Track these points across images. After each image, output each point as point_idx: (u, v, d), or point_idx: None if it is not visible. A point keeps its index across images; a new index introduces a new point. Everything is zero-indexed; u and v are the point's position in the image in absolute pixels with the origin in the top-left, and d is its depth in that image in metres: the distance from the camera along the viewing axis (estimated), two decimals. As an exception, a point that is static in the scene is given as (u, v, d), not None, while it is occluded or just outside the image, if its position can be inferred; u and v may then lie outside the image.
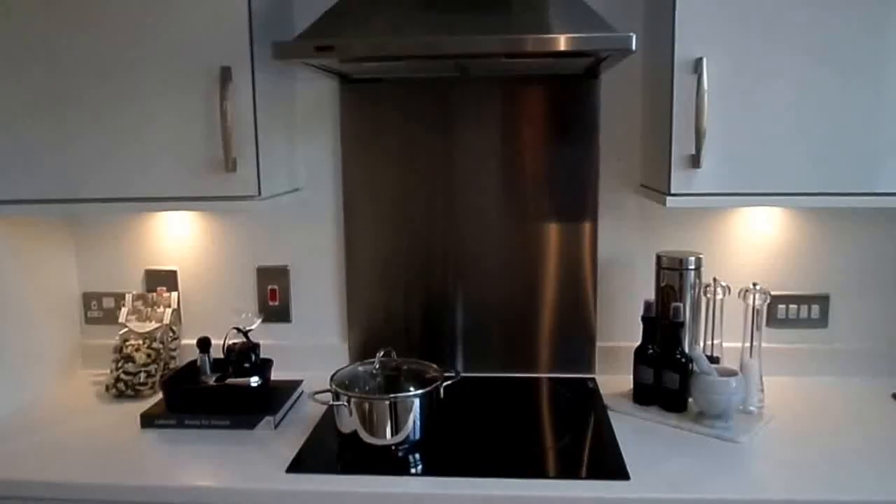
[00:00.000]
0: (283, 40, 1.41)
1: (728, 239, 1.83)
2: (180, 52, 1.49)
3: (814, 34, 1.41)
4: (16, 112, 1.54)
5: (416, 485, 1.32)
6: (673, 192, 1.48)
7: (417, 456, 1.42)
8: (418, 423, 1.43)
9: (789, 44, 1.42)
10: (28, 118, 1.53)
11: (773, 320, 1.83)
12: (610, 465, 1.37)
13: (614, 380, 1.80)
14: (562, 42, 1.30)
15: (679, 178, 1.47)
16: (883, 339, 1.83)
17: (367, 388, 1.52)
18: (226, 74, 1.47)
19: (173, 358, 1.86)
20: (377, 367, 1.53)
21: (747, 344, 1.60)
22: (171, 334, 1.86)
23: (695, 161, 1.45)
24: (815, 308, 1.83)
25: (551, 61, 1.51)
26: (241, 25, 1.47)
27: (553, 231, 1.82)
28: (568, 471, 1.35)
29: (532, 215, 1.82)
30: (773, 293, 1.82)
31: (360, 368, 1.56)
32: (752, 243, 1.83)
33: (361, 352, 1.89)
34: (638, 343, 1.66)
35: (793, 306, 1.83)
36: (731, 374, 1.52)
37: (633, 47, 1.28)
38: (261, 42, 1.52)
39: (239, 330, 1.68)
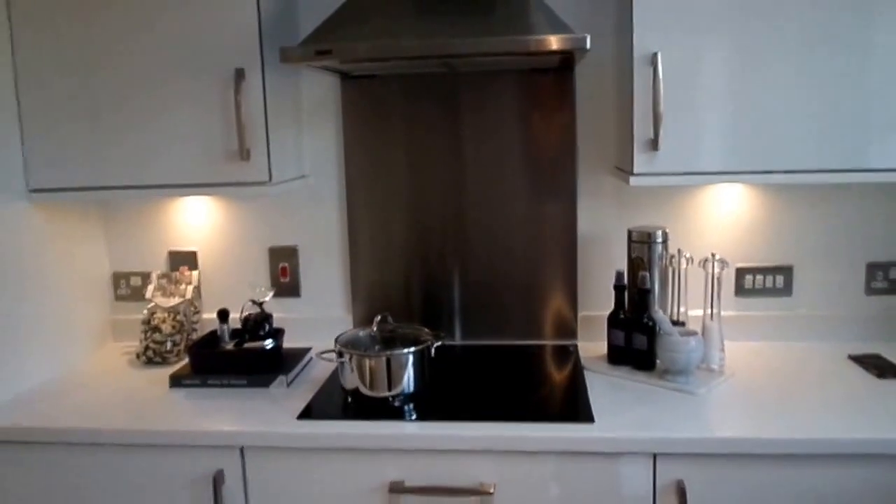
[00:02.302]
0: (289, 45, 1.71)
1: (697, 215, 2.10)
2: (199, 56, 1.79)
3: (755, 27, 1.68)
4: (55, 112, 1.86)
5: (408, 428, 1.62)
6: (636, 172, 1.76)
7: (411, 406, 1.72)
8: (411, 377, 1.73)
9: (731, 37, 1.68)
10: (66, 117, 1.86)
11: (740, 290, 2.11)
12: (578, 412, 1.65)
13: (594, 345, 2.09)
14: (527, 44, 1.59)
15: (641, 160, 1.75)
16: (842, 305, 2.10)
17: (365, 349, 1.82)
18: (239, 75, 1.77)
19: (195, 329, 2.17)
20: (375, 329, 1.83)
21: (709, 310, 1.88)
22: (192, 308, 2.17)
23: (654, 144, 1.73)
24: (780, 278, 2.11)
25: (528, 57, 1.80)
26: (252, 32, 1.77)
27: (537, 211, 2.11)
28: (540, 416, 1.64)
29: (517, 196, 2.11)
30: (740, 265, 2.10)
31: (361, 332, 1.87)
32: (720, 219, 2.10)
33: (364, 322, 2.18)
34: (611, 311, 1.95)
35: (759, 277, 2.11)
36: (692, 334, 1.80)
37: (588, 46, 1.57)
38: (270, 46, 1.82)
39: (254, 302, 1.99)
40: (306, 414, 1.69)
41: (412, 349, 1.73)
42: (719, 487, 1.55)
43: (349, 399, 1.76)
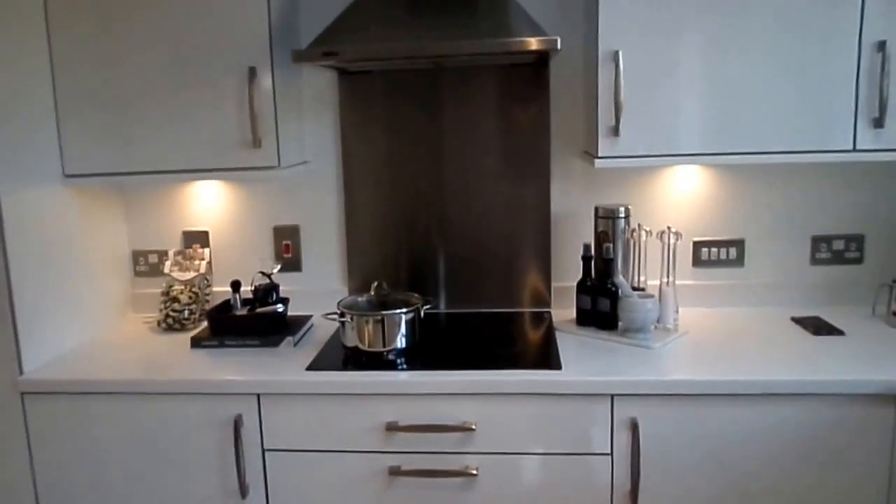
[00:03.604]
0: (297, 48, 2.04)
1: (658, 194, 2.44)
2: (217, 56, 2.12)
3: (705, 30, 2.01)
4: (87, 106, 2.18)
5: (401, 376, 1.95)
6: (600, 155, 2.09)
7: (403, 359, 2.05)
8: (404, 335, 2.07)
9: (684, 38, 2.01)
10: (97, 110, 2.18)
11: (697, 262, 2.45)
12: (548, 362, 1.99)
13: (565, 312, 2.42)
14: (506, 45, 1.93)
15: (604, 144, 2.08)
16: (789, 274, 2.44)
17: (363, 311, 2.15)
18: (252, 73, 2.09)
19: (207, 301, 2.50)
20: (372, 294, 2.16)
21: (665, 278, 2.22)
22: (205, 281, 2.50)
23: (615, 131, 2.05)
24: (733, 250, 2.44)
25: (507, 55, 2.12)
26: (263, 35, 2.10)
27: (514, 191, 2.44)
28: (515, 365, 1.97)
29: (496, 179, 2.44)
30: (696, 239, 2.44)
31: (359, 298, 2.21)
32: (678, 197, 2.44)
33: (359, 293, 2.50)
34: (580, 279, 2.28)
35: (714, 249, 2.44)
36: (648, 297, 2.14)
37: (559, 47, 1.90)
38: (277, 48, 2.14)
39: (263, 273, 2.31)
40: (313, 366, 2.02)
41: (404, 310, 2.06)
42: (667, 423, 1.88)
43: (349, 354, 2.09)
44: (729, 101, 2.03)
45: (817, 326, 2.19)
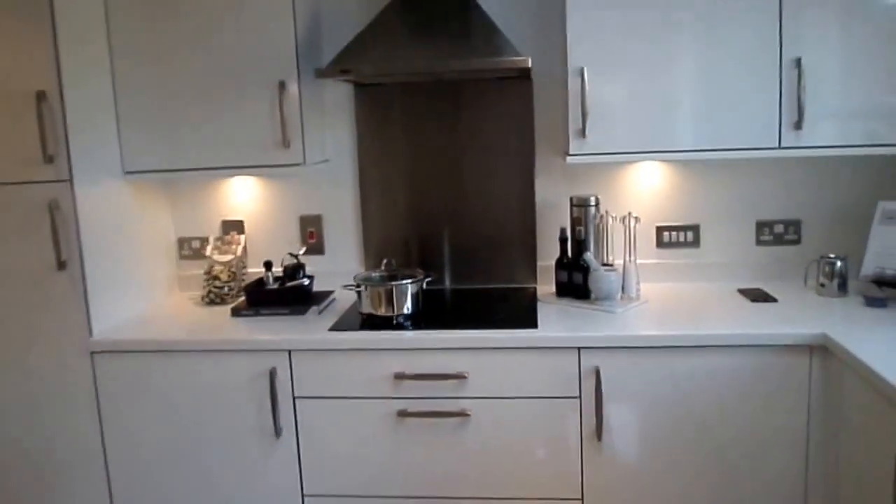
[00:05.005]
0: (319, 65, 2.47)
1: (624, 186, 2.86)
2: (252, 71, 2.55)
3: (653, 50, 2.42)
4: (143, 114, 2.61)
5: (407, 335, 2.37)
6: (571, 153, 2.50)
7: (409, 322, 2.47)
8: (409, 303, 2.49)
9: (635, 57, 2.43)
10: (151, 118, 2.62)
11: (660, 243, 2.87)
12: (527, 323, 2.40)
13: (549, 287, 2.84)
14: (491, 63, 2.36)
15: (574, 145, 2.50)
16: (737, 254, 2.86)
17: (376, 283, 2.57)
18: (282, 86, 2.53)
19: (244, 279, 2.93)
20: (383, 269, 2.60)
21: (628, 256, 2.63)
22: (241, 263, 2.93)
23: (582, 133, 2.47)
24: (690, 234, 2.86)
25: (492, 70, 2.54)
26: (290, 55, 2.53)
27: (505, 185, 2.87)
28: (501, 325, 2.39)
29: (490, 174, 2.87)
30: (658, 224, 2.86)
31: (373, 273, 2.64)
32: (642, 188, 2.85)
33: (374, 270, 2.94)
34: (557, 257, 2.70)
35: (673, 233, 2.86)
36: (613, 270, 2.55)
37: (529, 66, 2.32)
38: (303, 65, 2.58)
39: (292, 254, 2.74)
40: (335, 328, 2.45)
41: (409, 281, 2.49)
42: (626, 371, 2.29)
43: (365, 319, 2.52)
44: (675, 108, 2.44)
45: (756, 296, 2.60)
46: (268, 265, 2.74)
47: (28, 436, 2.51)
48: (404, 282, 2.49)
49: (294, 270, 2.72)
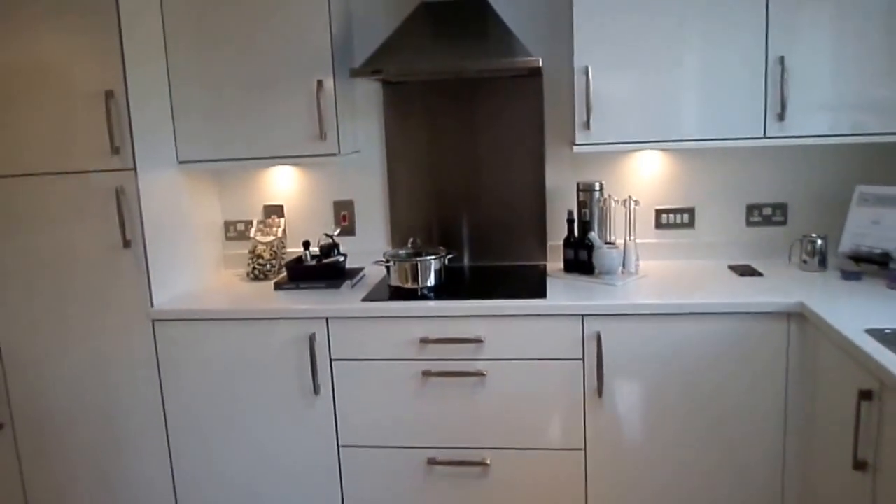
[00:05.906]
0: (352, 66, 2.78)
1: (628, 172, 3.14)
2: (293, 70, 2.86)
3: (654, 48, 2.70)
4: (195, 108, 2.93)
5: (430, 304, 2.67)
6: (577, 143, 2.79)
7: (432, 294, 2.78)
8: (432, 277, 2.80)
9: (637, 56, 2.71)
10: (202, 112, 2.93)
11: (658, 225, 3.14)
12: (537, 293, 2.70)
13: (558, 264, 3.13)
14: (507, 63, 2.64)
15: (580, 135, 2.78)
16: (729, 234, 3.13)
17: (403, 258, 2.88)
18: (319, 84, 2.83)
19: (284, 257, 3.24)
20: (409, 247, 2.91)
21: (629, 236, 2.91)
22: (281, 243, 3.24)
23: (587, 125, 2.75)
24: (686, 216, 3.13)
25: (507, 69, 2.83)
26: (327, 56, 2.83)
27: (518, 172, 3.16)
28: (514, 296, 2.68)
29: (505, 163, 3.16)
30: (657, 207, 3.14)
31: (400, 250, 2.95)
32: (645, 174, 3.13)
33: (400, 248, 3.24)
34: (565, 236, 2.99)
35: (671, 215, 3.13)
36: (614, 248, 2.84)
37: (540, 65, 2.60)
38: (338, 65, 2.88)
39: (327, 235, 3.05)
40: (367, 298, 2.76)
41: (433, 257, 2.80)
42: (624, 336, 2.58)
43: (393, 290, 2.82)
44: (671, 102, 2.72)
45: (744, 271, 2.88)
46: (306, 244, 3.05)
47: (97, 393, 2.86)
48: (428, 258, 2.80)
49: (329, 249, 3.03)
